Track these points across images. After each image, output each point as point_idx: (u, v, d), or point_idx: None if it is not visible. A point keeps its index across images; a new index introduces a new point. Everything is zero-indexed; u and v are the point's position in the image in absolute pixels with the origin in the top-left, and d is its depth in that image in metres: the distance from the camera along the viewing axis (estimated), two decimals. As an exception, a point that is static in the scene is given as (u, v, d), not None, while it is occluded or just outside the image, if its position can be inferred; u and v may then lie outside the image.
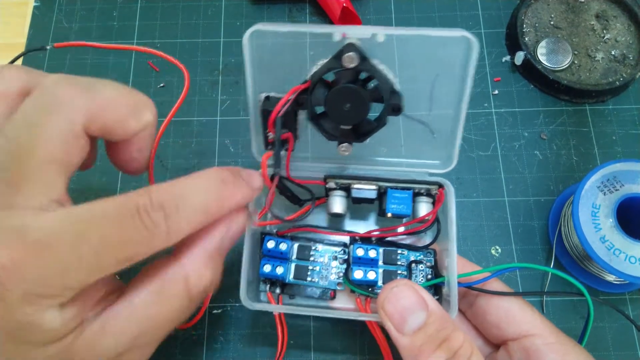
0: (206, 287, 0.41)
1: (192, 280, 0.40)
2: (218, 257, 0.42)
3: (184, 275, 0.39)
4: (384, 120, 0.46)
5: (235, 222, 0.43)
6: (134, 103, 0.40)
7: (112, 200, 0.35)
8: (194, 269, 0.40)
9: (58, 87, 0.37)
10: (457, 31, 0.43)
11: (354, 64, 0.42)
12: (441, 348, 0.39)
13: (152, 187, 0.37)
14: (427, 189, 0.51)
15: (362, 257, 0.50)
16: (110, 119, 0.39)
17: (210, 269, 0.41)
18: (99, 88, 0.39)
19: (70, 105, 0.36)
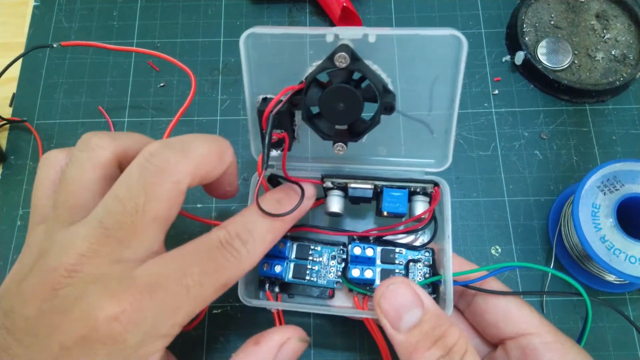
0: None
1: None
2: None
3: None
4: (377, 119, 0.46)
5: (285, 347, 0.43)
6: (220, 152, 0.43)
7: (198, 240, 0.40)
8: None
9: (162, 153, 0.40)
10: (447, 30, 0.43)
11: (345, 64, 0.42)
12: (436, 345, 0.39)
13: (227, 222, 0.42)
14: (423, 188, 0.51)
15: (359, 256, 0.51)
16: (205, 172, 0.42)
17: None
18: (194, 147, 0.41)
19: (175, 169, 0.39)
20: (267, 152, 0.45)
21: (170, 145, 0.41)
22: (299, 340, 0.44)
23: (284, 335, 0.43)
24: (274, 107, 0.45)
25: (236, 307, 0.58)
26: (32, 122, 0.67)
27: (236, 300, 0.56)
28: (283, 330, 0.44)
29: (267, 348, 0.42)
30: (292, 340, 0.43)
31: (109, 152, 0.42)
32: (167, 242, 0.58)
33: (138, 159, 0.40)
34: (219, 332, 0.58)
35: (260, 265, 0.51)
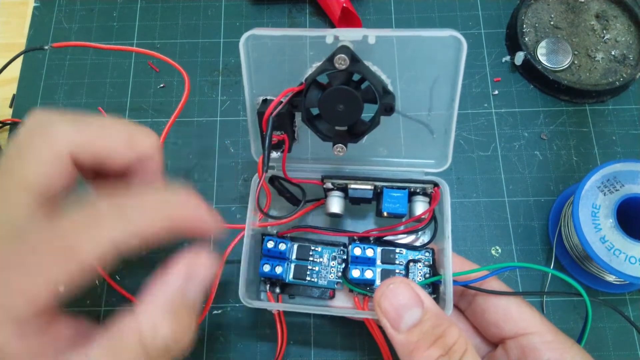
0: (165, 341, 0.36)
1: (146, 332, 0.35)
2: (181, 308, 0.37)
3: (136, 327, 0.35)
4: (377, 120, 0.46)
5: (196, 262, 0.39)
6: (127, 133, 0.39)
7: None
8: (147, 320, 0.36)
9: (46, 115, 0.37)
10: (446, 31, 0.43)
11: (345, 65, 0.42)
12: (436, 345, 0.39)
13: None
14: (422, 188, 0.51)
15: (359, 257, 0.51)
16: (100, 148, 0.38)
17: (168, 320, 0.36)
18: (88, 121, 0.38)
19: (57, 132, 0.36)
20: (267, 154, 0.45)
21: (59, 114, 0.38)
22: (206, 256, 0.39)
23: (189, 255, 0.38)
24: (274, 109, 0.45)
25: (236, 308, 0.58)
26: (32, 123, 0.67)
27: (236, 300, 0.57)
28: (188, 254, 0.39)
29: (175, 274, 0.37)
30: (199, 256, 0.39)
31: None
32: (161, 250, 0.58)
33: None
34: (219, 332, 0.58)
35: (261, 266, 0.52)
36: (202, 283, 0.38)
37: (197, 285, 0.38)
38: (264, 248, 0.53)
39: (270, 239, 0.53)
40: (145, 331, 0.35)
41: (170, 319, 0.36)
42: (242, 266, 0.49)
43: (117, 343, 0.35)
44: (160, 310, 0.36)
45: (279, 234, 0.54)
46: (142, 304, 0.36)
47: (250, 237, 0.50)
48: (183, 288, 0.37)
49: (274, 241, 0.53)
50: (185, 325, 0.37)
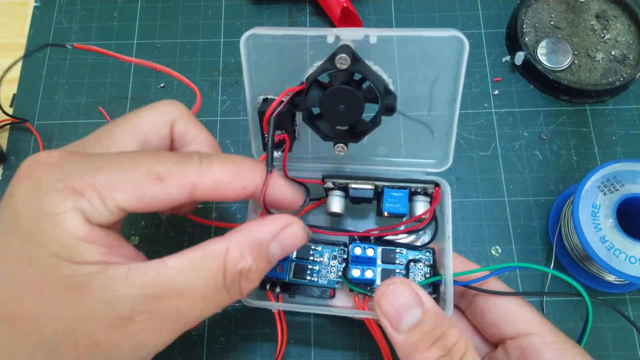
0: (243, 270, 0.38)
1: (231, 256, 0.38)
2: (263, 254, 0.40)
3: (224, 249, 0.38)
4: (378, 120, 0.46)
5: (290, 230, 0.42)
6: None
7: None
8: (235, 247, 0.39)
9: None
10: (448, 31, 0.43)
11: (346, 65, 0.42)
12: (436, 345, 0.39)
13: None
14: (423, 188, 0.51)
15: (359, 256, 0.51)
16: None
17: (252, 254, 0.39)
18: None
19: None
20: (270, 155, 0.45)
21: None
22: (302, 229, 0.43)
23: (290, 219, 0.42)
24: (274, 109, 0.45)
25: (236, 307, 0.58)
26: (33, 123, 0.67)
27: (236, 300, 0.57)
28: (288, 216, 0.42)
29: (272, 224, 0.41)
30: (295, 225, 0.42)
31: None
32: (167, 243, 0.58)
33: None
34: (219, 332, 0.58)
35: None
36: (285, 249, 0.42)
37: (280, 248, 0.42)
38: (264, 248, 0.53)
39: (271, 239, 0.53)
40: (232, 255, 0.38)
41: (254, 256, 0.39)
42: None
43: (200, 257, 0.37)
44: (248, 244, 0.39)
45: (279, 234, 0.54)
46: (234, 232, 0.40)
47: None
48: (268, 242, 0.41)
49: (274, 240, 0.53)
50: (261, 270, 0.40)
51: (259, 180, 0.43)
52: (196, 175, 0.39)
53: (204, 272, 0.37)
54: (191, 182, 0.39)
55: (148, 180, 0.37)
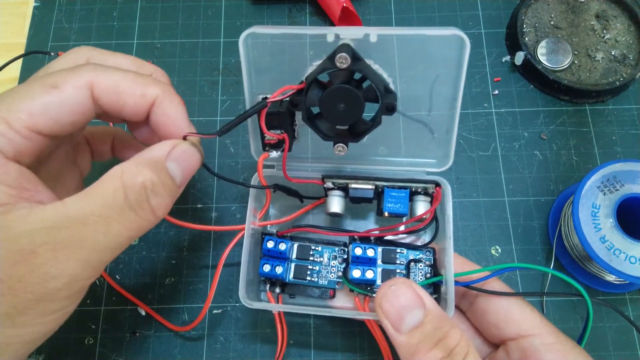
0: (145, 184, 0.37)
1: (126, 171, 0.37)
2: (163, 169, 0.40)
3: (119, 170, 0.38)
4: (378, 119, 0.46)
5: (182, 149, 0.42)
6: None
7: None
8: (130, 165, 0.38)
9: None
10: (450, 30, 0.43)
11: (346, 64, 0.42)
12: (437, 347, 0.39)
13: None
14: (424, 188, 0.51)
15: (360, 257, 0.51)
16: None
17: (150, 169, 0.38)
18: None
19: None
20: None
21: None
22: (193, 145, 0.43)
23: (178, 140, 0.42)
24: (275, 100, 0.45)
25: (236, 308, 0.58)
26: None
27: (236, 300, 0.57)
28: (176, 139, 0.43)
29: (161, 145, 0.41)
30: (184, 143, 0.42)
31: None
32: (167, 243, 0.58)
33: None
34: (219, 332, 0.58)
35: (261, 266, 0.52)
36: (182, 166, 0.42)
37: (179, 167, 0.41)
38: (264, 248, 0.53)
39: (270, 239, 0.53)
40: (128, 172, 0.38)
41: (152, 170, 0.39)
42: (242, 266, 0.49)
43: (97, 186, 0.37)
44: (145, 161, 0.39)
45: (279, 234, 0.54)
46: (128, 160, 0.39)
47: (250, 237, 0.50)
48: (164, 159, 0.40)
49: (273, 241, 0.53)
50: (167, 185, 0.40)
51: (159, 89, 0.42)
52: (91, 75, 0.39)
53: (101, 195, 0.37)
54: (87, 81, 0.39)
55: (43, 90, 0.38)
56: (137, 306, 0.58)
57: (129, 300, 0.58)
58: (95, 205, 0.36)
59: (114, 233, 0.37)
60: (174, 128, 0.43)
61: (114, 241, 0.37)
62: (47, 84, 0.38)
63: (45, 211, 0.35)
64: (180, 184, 0.41)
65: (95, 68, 0.40)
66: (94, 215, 0.36)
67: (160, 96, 0.42)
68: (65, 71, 0.40)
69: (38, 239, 0.34)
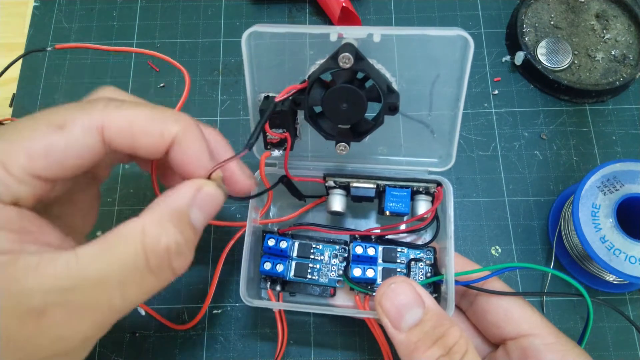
0: (169, 247, 0.35)
1: (150, 233, 0.34)
2: (186, 222, 0.37)
3: (139, 226, 0.34)
4: (381, 119, 0.46)
5: (204, 190, 0.38)
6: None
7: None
8: (152, 222, 0.35)
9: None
10: (453, 30, 0.43)
11: (349, 64, 0.42)
12: (437, 345, 0.39)
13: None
14: (425, 187, 0.51)
15: (361, 255, 0.51)
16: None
17: (173, 226, 0.35)
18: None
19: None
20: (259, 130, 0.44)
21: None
22: (218, 187, 0.39)
23: (200, 180, 0.39)
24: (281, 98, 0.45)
25: (236, 307, 0.58)
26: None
27: (236, 300, 0.57)
28: (197, 179, 0.39)
29: (185, 189, 0.38)
30: (209, 185, 0.39)
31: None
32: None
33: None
34: (219, 332, 0.58)
35: (262, 264, 0.52)
36: (206, 212, 0.39)
37: (201, 212, 0.38)
38: (264, 246, 0.53)
39: (271, 237, 0.53)
40: (150, 232, 0.34)
41: (175, 228, 0.35)
42: (243, 264, 0.49)
43: (115, 243, 0.34)
44: (167, 216, 0.36)
45: (280, 232, 0.54)
46: (147, 210, 0.36)
47: (251, 235, 0.50)
48: (188, 208, 0.37)
49: (274, 239, 0.53)
50: (190, 241, 0.37)
51: (179, 127, 0.38)
52: (102, 115, 0.36)
53: (119, 256, 0.34)
54: (97, 122, 0.36)
55: (48, 131, 0.35)
56: (137, 306, 0.58)
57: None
58: (114, 269, 0.33)
59: (130, 297, 0.35)
60: (196, 167, 0.40)
61: (129, 304, 0.35)
62: (52, 123, 0.35)
63: (57, 267, 0.32)
64: (201, 230, 0.39)
65: (107, 106, 0.37)
66: (111, 279, 0.33)
67: (180, 134, 0.38)
68: (74, 108, 0.36)
69: (50, 299, 0.32)
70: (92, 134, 0.35)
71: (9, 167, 0.33)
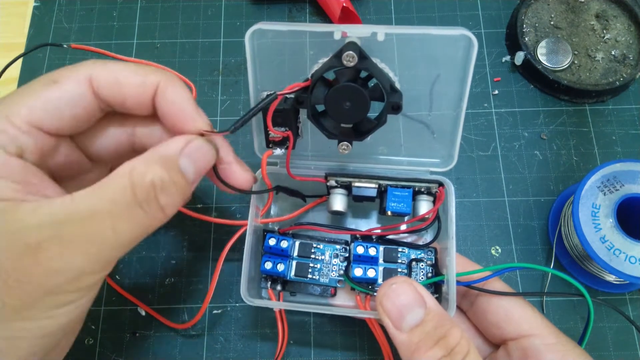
0: (154, 181, 0.37)
1: (138, 170, 0.37)
2: (175, 167, 0.39)
3: (129, 167, 0.37)
4: (384, 118, 0.46)
5: (196, 145, 0.41)
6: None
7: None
8: (140, 162, 0.38)
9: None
10: (457, 30, 0.43)
11: (353, 62, 0.42)
12: (438, 345, 0.39)
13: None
14: (427, 188, 0.51)
15: (362, 255, 0.51)
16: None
17: (160, 166, 0.38)
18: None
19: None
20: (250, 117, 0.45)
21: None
22: (208, 142, 0.43)
23: (192, 136, 0.42)
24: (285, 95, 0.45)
25: (236, 307, 0.58)
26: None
27: (236, 300, 0.57)
28: (190, 135, 0.42)
29: (175, 141, 0.40)
30: (199, 139, 0.42)
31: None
32: (167, 243, 0.58)
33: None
34: (218, 332, 0.58)
35: (263, 264, 0.51)
36: (196, 163, 0.41)
37: (191, 164, 0.40)
38: (265, 245, 0.53)
39: (272, 236, 0.53)
40: (138, 169, 0.37)
41: (163, 168, 0.38)
42: (244, 263, 0.49)
43: (105, 182, 0.37)
44: (155, 158, 0.39)
45: (281, 231, 0.54)
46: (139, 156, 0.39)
47: (252, 234, 0.50)
48: (177, 158, 0.40)
49: (275, 238, 0.53)
50: (178, 183, 0.39)
51: (160, 77, 0.42)
52: (90, 69, 0.40)
53: (110, 192, 0.36)
54: (87, 75, 0.39)
55: (44, 86, 0.38)
56: (137, 306, 0.58)
57: (128, 300, 0.58)
58: (104, 202, 0.36)
59: (121, 230, 0.36)
60: (182, 116, 0.42)
61: (121, 238, 0.37)
62: (47, 80, 0.39)
63: (52, 205, 0.35)
64: (193, 181, 0.41)
65: (94, 62, 0.41)
66: (102, 212, 0.35)
67: (162, 83, 0.41)
68: (66, 68, 0.40)
69: (45, 233, 0.34)
70: (81, 85, 0.39)
71: (12, 119, 0.37)
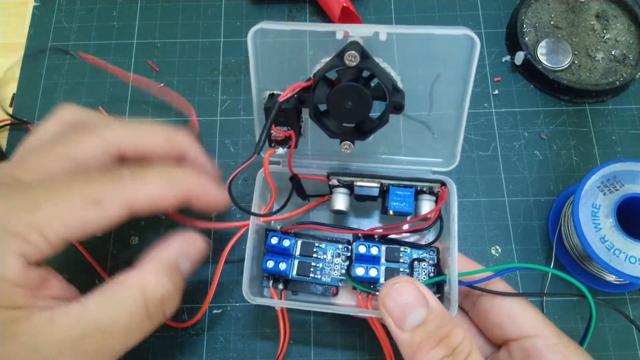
0: (164, 296, 0.41)
1: (149, 285, 0.40)
2: (176, 272, 0.44)
3: (140, 279, 0.41)
4: (386, 118, 0.46)
5: (190, 241, 0.46)
6: (167, 135, 0.47)
7: None
8: (151, 274, 0.41)
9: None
10: (460, 29, 0.43)
11: (355, 62, 0.42)
12: (440, 345, 0.39)
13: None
14: (429, 187, 0.51)
15: (364, 254, 0.51)
16: (144, 147, 0.45)
17: (168, 278, 0.42)
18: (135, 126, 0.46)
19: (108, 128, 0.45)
20: (267, 133, 0.45)
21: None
22: (200, 237, 0.47)
23: (186, 231, 0.47)
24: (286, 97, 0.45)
25: (236, 307, 0.58)
26: (32, 123, 0.66)
27: (236, 300, 0.57)
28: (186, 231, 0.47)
29: (175, 242, 0.46)
30: (192, 234, 0.47)
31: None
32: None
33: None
34: (218, 332, 0.57)
35: (265, 262, 0.51)
36: (191, 259, 0.46)
37: (187, 260, 0.46)
38: (267, 244, 0.53)
39: (274, 235, 0.53)
40: (149, 283, 0.40)
41: (169, 280, 0.42)
42: (246, 262, 0.49)
43: (118, 293, 0.39)
44: (162, 268, 0.42)
45: (283, 230, 0.54)
46: (145, 262, 0.42)
47: (254, 233, 0.50)
48: (176, 259, 0.44)
49: (277, 237, 0.53)
50: (179, 288, 0.44)
51: (188, 186, 0.45)
52: (132, 192, 0.41)
53: (124, 307, 0.39)
54: (128, 199, 0.41)
55: (86, 206, 0.39)
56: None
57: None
58: (119, 316, 0.39)
59: (131, 342, 0.40)
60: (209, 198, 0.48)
61: (130, 345, 0.41)
62: (89, 199, 0.39)
63: (69, 316, 0.37)
64: (187, 275, 0.46)
65: (134, 181, 0.42)
66: (118, 326, 0.39)
67: (193, 191, 0.46)
68: (106, 182, 0.41)
69: (63, 349, 0.36)
70: (123, 210, 0.41)
71: (46, 233, 0.37)
